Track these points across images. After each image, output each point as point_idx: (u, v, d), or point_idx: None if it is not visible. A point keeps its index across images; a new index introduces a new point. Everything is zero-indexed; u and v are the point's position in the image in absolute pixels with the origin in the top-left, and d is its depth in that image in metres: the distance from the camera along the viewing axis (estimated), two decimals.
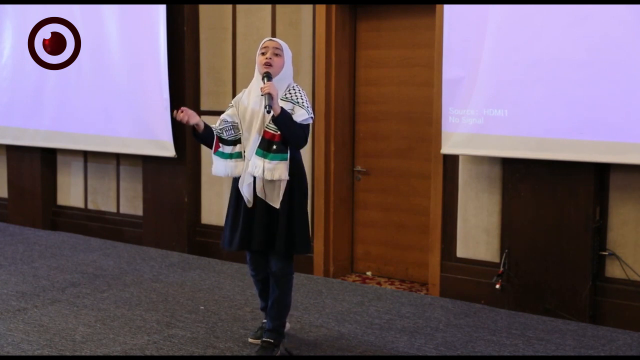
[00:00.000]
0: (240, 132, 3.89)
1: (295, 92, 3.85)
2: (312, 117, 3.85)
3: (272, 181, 3.76)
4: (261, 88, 3.69)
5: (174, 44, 6.38)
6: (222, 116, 3.96)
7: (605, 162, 4.57)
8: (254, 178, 3.80)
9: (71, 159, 7.54)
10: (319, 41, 5.74)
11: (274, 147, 3.74)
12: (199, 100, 6.54)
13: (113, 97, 6.67)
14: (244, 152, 3.88)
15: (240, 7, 6.25)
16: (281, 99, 3.79)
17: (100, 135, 6.83)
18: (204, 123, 3.90)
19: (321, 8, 5.74)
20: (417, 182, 5.69)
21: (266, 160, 3.74)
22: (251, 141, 3.82)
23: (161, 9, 6.25)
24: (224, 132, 3.90)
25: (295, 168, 3.84)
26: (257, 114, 3.81)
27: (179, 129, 6.41)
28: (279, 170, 3.73)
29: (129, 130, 6.60)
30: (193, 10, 6.46)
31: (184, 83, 6.45)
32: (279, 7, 6.01)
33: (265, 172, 3.73)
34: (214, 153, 3.91)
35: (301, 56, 5.89)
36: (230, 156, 3.90)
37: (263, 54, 3.87)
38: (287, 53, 3.93)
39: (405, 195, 5.78)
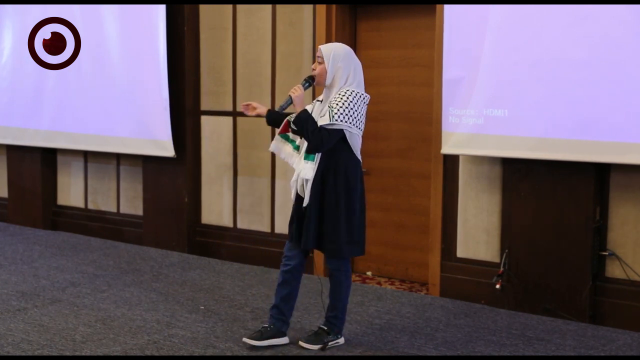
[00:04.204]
0: None
1: (337, 97, 3.89)
2: (341, 124, 3.82)
3: (306, 180, 3.96)
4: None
5: (174, 44, 6.38)
6: (306, 106, 4.14)
7: (605, 162, 4.57)
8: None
9: (71, 159, 7.54)
10: (319, 41, 5.73)
11: (307, 148, 3.97)
12: (199, 100, 6.54)
13: (113, 97, 6.67)
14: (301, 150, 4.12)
15: (240, 7, 6.25)
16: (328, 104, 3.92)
17: (100, 135, 6.83)
18: (270, 110, 4.24)
19: (321, 8, 5.74)
20: (417, 182, 5.69)
21: (303, 159, 3.99)
22: (305, 142, 4.02)
23: (161, 9, 6.25)
24: None
25: (333, 170, 3.93)
26: (317, 116, 3.97)
27: (178, 129, 6.42)
28: (306, 170, 3.96)
29: (129, 130, 6.60)
30: (193, 10, 6.46)
31: (184, 83, 6.45)
32: (279, 7, 6.01)
33: (302, 171, 3.98)
34: (279, 134, 4.16)
35: (301, 56, 5.90)
36: (292, 142, 4.15)
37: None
38: (333, 59, 3.93)
39: (405, 195, 5.78)
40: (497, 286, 4.97)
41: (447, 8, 4.97)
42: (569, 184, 4.74)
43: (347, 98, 3.85)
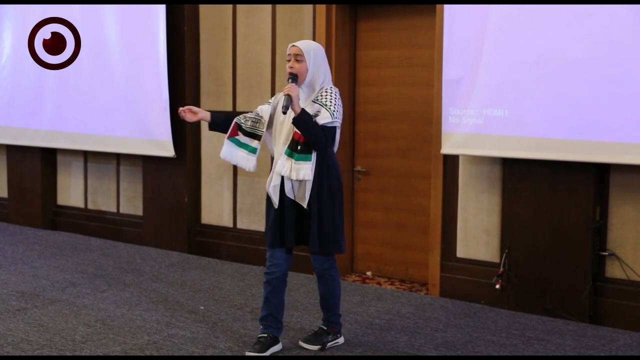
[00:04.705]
0: (263, 129, 3.98)
1: (326, 95, 3.86)
2: (337, 121, 3.83)
3: (299, 181, 3.83)
4: (284, 89, 3.77)
5: (174, 44, 6.38)
6: (258, 107, 4.06)
7: (605, 162, 4.57)
8: (282, 178, 3.87)
9: (71, 159, 7.54)
10: (319, 41, 5.72)
11: (299, 147, 3.81)
12: (199, 100, 6.54)
13: (113, 97, 6.67)
14: (270, 152, 4.00)
15: (240, 7, 6.25)
16: (312, 101, 3.86)
17: (100, 135, 6.84)
18: (213, 113, 4.05)
19: (321, 8, 5.74)
20: (417, 182, 5.69)
21: (293, 161, 3.82)
22: (282, 142, 3.90)
23: (161, 9, 6.25)
24: (249, 121, 3.98)
25: (326, 169, 3.89)
26: (289, 115, 3.85)
27: (178, 129, 6.42)
28: (304, 170, 3.80)
29: (129, 130, 6.60)
30: (193, 10, 6.46)
31: (184, 83, 6.45)
32: (279, 7, 6.01)
33: (292, 172, 3.81)
34: (228, 138, 3.99)
35: None
36: (245, 146, 4.00)
37: (288, 61, 3.90)
38: (314, 56, 3.87)
39: (406, 195, 5.78)
40: (497, 286, 4.97)
41: (447, 8, 4.97)
42: (569, 184, 4.74)
43: (335, 95, 3.87)
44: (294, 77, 3.83)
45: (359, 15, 5.92)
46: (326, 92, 3.87)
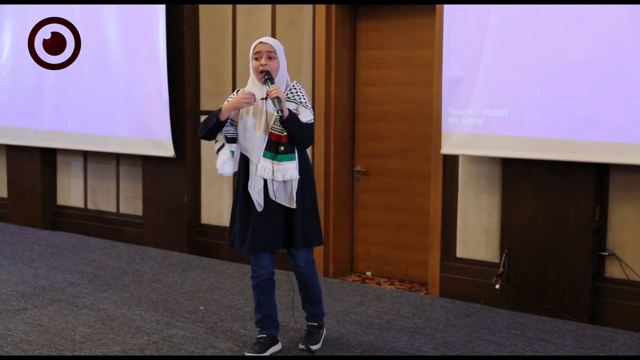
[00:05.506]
0: (236, 132, 3.88)
1: (297, 92, 3.82)
2: (314, 117, 3.85)
3: (283, 182, 3.76)
4: (268, 92, 3.66)
5: (173, 44, 6.38)
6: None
7: (605, 162, 4.57)
8: (264, 181, 3.78)
9: (71, 159, 7.54)
10: (319, 41, 5.74)
11: (282, 148, 3.73)
12: (199, 100, 6.54)
13: (113, 97, 6.67)
14: (247, 153, 3.87)
15: (240, 7, 6.25)
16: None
17: (100, 135, 6.84)
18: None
19: (321, 8, 5.74)
20: (417, 182, 5.69)
21: (275, 162, 3.74)
22: (256, 144, 3.78)
23: (161, 9, 6.25)
24: (226, 128, 3.89)
25: (305, 166, 3.86)
26: (260, 116, 3.78)
27: (178, 129, 6.42)
28: (290, 170, 3.74)
29: (129, 130, 6.60)
30: (193, 10, 6.46)
31: (183, 83, 6.45)
32: (279, 7, 6.01)
33: (276, 174, 3.74)
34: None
35: (301, 56, 5.89)
36: (231, 154, 3.91)
37: (256, 59, 3.78)
38: (281, 52, 3.82)
39: (405, 195, 5.78)
40: (497, 286, 4.97)
41: (447, 8, 4.97)
42: (569, 184, 4.74)
43: (304, 91, 3.85)
44: (270, 76, 3.72)
45: (359, 15, 5.92)
46: (295, 88, 3.83)
